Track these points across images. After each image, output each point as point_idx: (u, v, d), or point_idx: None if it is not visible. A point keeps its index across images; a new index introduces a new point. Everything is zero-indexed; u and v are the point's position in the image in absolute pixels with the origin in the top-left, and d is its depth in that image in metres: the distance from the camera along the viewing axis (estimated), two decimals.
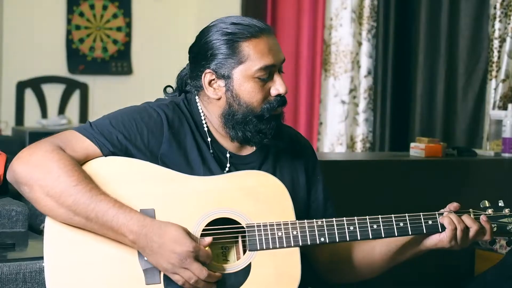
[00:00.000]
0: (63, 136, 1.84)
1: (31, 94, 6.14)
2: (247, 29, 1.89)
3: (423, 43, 4.41)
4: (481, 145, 4.01)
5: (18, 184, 1.79)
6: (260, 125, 1.90)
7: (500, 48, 3.86)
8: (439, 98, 4.34)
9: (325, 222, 1.85)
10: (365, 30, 4.71)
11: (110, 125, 1.86)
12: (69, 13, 6.23)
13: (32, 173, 1.76)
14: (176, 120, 1.92)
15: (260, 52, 1.88)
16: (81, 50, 6.26)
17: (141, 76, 6.37)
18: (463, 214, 1.91)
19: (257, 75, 1.88)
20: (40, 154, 1.78)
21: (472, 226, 1.89)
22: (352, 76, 4.80)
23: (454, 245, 1.90)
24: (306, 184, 2.04)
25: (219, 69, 1.89)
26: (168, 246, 1.73)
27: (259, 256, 1.82)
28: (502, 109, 3.75)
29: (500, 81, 3.83)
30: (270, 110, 1.89)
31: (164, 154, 1.87)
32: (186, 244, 1.73)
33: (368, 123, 4.73)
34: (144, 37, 6.41)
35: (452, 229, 1.88)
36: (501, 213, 1.93)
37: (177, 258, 1.73)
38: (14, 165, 1.79)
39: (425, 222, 1.90)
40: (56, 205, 1.75)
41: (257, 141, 1.92)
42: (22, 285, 2.04)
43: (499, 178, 3.32)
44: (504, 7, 3.86)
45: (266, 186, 1.87)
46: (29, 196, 1.78)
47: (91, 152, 1.83)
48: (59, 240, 1.79)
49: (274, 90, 1.89)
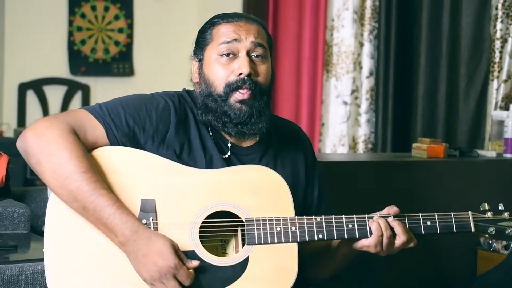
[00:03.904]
0: (77, 117, 1.86)
1: (33, 96, 6.15)
2: (223, 16, 1.99)
3: (424, 43, 4.41)
4: (483, 145, 4.01)
5: (27, 154, 1.80)
6: (224, 106, 1.92)
7: (501, 49, 3.86)
8: (441, 99, 4.34)
9: (324, 219, 1.87)
10: (366, 31, 4.71)
11: (120, 106, 1.90)
12: (71, 15, 6.24)
13: (43, 148, 1.77)
14: (182, 109, 1.96)
15: (226, 32, 1.95)
16: (82, 52, 6.26)
17: (143, 78, 6.37)
18: (399, 219, 1.89)
19: (218, 51, 1.93)
20: (56, 132, 1.79)
21: (401, 236, 1.87)
22: (354, 77, 4.80)
23: (380, 251, 1.88)
24: (305, 177, 2.06)
25: (197, 55, 2.00)
26: (151, 257, 1.74)
27: (257, 250, 1.83)
28: (504, 110, 3.75)
29: (502, 82, 3.83)
30: (229, 86, 1.91)
31: (170, 139, 1.90)
32: (169, 259, 1.74)
33: (370, 124, 4.72)
34: (145, 38, 6.41)
35: (378, 235, 1.87)
36: (501, 217, 1.93)
37: (157, 271, 1.74)
38: (28, 134, 1.79)
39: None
40: (59, 185, 1.77)
41: (226, 126, 1.93)
42: (24, 286, 2.04)
43: (501, 179, 3.32)
44: (506, 7, 3.85)
45: (267, 181, 1.88)
46: (35, 168, 1.79)
47: (100, 136, 1.85)
48: (59, 226, 1.80)
49: (237, 70, 1.92)
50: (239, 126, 1.92)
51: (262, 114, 1.94)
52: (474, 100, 4.13)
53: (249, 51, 1.94)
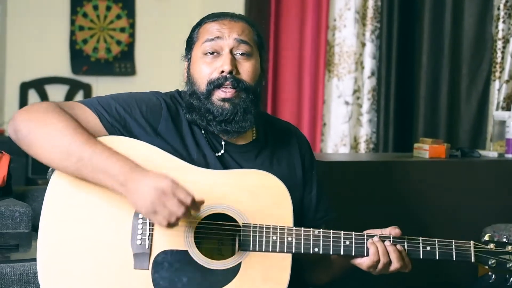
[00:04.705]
0: (67, 103, 1.88)
1: (35, 95, 6.15)
2: (210, 16, 2.01)
3: (426, 43, 4.40)
4: (484, 146, 4.00)
5: (16, 130, 1.80)
6: (207, 104, 1.91)
7: (503, 49, 3.85)
8: (442, 99, 4.34)
9: (321, 233, 1.84)
10: (368, 31, 4.71)
11: (111, 98, 1.91)
12: (73, 14, 6.23)
13: (32, 117, 1.79)
14: (174, 107, 1.96)
15: (210, 30, 1.96)
16: (84, 51, 6.26)
17: (145, 77, 6.37)
18: (398, 241, 1.86)
19: (202, 50, 1.94)
20: (43, 106, 1.81)
21: (395, 263, 1.85)
22: (355, 77, 4.80)
23: (372, 271, 1.88)
24: (302, 178, 2.04)
25: (187, 55, 2.02)
26: (151, 183, 1.71)
27: (251, 256, 1.82)
28: (506, 110, 3.74)
29: (503, 82, 3.82)
30: (211, 84, 1.91)
31: (162, 131, 1.91)
32: (167, 178, 1.72)
33: (372, 124, 4.72)
34: (147, 38, 6.41)
35: (374, 260, 1.85)
36: (503, 249, 1.89)
37: (157, 193, 1.70)
38: (16, 113, 1.81)
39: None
40: (50, 146, 1.76)
41: (210, 124, 1.92)
42: (25, 286, 2.04)
43: (502, 179, 3.31)
44: (508, 8, 3.85)
45: (268, 187, 1.86)
46: (25, 139, 1.79)
47: (91, 119, 1.85)
48: (53, 220, 1.81)
49: (219, 68, 1.92)
50: (222, 124, 1.91)
51: (247, 112, 1.92)
52: (476, 101, 4.13)
53: (233, 49, 1.94)
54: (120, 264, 1.77)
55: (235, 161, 1.96)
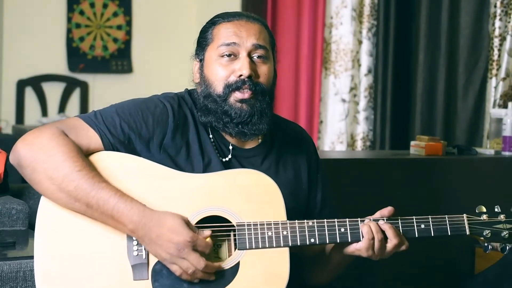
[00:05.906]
0: (69, 123, 1.85)
1: (32, 93, 6.14)
2: (224, 15, 1.96)
3: (423, 41, 4.41)
4: (481, 143, 4.01)
5: (20, 166, 1.79)
6: (224, 106, 1.90)
7: (500, 47, 3.86)
8: (439, 97, 4.34)
9: (316, 223, 1.84)
10: (365, 29, 4.71)
11: (115, 114, 1.87)
12: (70, 12, 6.23)
13: (36, 155, 1.76)
14: (181, 112, 1.94)
15: (225, 32, 1.92)
16: (81, 49, 6.26)
17: (141, 75, 6.37)
18: (392, 222, 1.86)
19: (218, 52, 1.91)
20: (45, 138, 1.78)
21: (392, 239, 1.84)
22: (352, 74, 4.80)
23: (371, 254, 1.85)
24: (308, 180, 2.04)
25: (198, 55, 1.98)
26: (166, 236, 1.73)
27: (248, 255, 1.81)
28: (503, 108, 3.75)
29: (500, 80, 3.83)
30: (229, 87, 1.89)
31: (168, 144, 1.89)
32: (183, 234, 1.73)
33: (369, 121, 4.73)
34: (144, 35, 6.41)
35: (369, 239, 1.83)
36: (496, 219, 1.90)
37: (175, 247, 1.73)
38: (18, 146, 1.79)
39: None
40: (58, 189, 1.76)
41: (227, 126, 1.90)
42: (22, 283, 2.04)
43: (499, 177, 3.32)
44: (505, 5, 3.86)
45: (258, 185, 1.86)
46: (31, 178, 1.78)
47: (93, 141, 1.84)
48: (50, 232, 1.80)
49: (237, 71, 1.90)
50: (240, 126, 1.90)
51: (264, 114, 1.91)
52: (472, 98, 4.13)
53: (250, 52, 1.92)
54: (120, 276, 1.77)
55: (242, 166, 1.95)
